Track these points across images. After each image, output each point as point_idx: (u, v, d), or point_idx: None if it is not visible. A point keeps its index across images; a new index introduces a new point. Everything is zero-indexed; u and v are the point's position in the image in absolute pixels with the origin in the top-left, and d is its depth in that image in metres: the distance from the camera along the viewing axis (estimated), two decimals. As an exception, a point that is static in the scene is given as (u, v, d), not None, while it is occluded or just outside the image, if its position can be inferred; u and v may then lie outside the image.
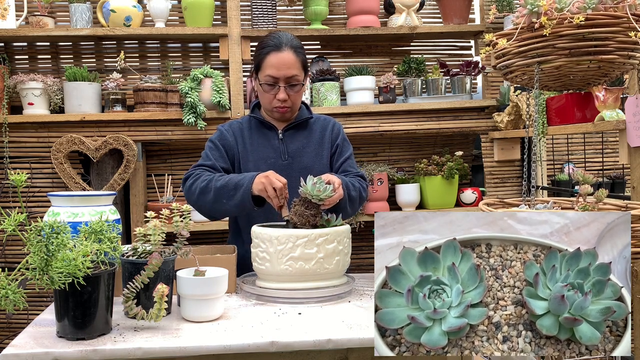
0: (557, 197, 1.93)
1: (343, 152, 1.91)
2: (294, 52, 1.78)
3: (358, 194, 1.78)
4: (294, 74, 1.77)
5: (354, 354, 1.28)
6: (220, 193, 1.66)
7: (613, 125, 2.05)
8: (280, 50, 1.76)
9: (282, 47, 1.76)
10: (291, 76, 1.77)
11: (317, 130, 1.91)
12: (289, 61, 1.76)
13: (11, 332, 2.71)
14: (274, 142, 1.86)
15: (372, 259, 3.11)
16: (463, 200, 3.00)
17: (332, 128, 1.92)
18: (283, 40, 1.78)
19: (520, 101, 2.71)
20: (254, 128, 1.89)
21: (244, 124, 1.90)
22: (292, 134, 1.87)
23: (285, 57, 1.76)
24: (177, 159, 3.01)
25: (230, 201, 1.66)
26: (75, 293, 1.14)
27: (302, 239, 1.45)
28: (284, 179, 1.61)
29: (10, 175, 1.14)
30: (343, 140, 1.93)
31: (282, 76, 1.76)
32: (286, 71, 1.76)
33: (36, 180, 2.74)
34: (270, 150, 1.84)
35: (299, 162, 1.84)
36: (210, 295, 1.29)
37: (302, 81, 1.81)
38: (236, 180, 1.66)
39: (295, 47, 1.79)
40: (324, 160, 1.87)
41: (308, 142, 1.88)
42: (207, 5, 2.79)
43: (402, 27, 2.92)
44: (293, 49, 1.78)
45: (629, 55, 1.58)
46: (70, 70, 2.71)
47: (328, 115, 1.99)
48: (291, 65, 1.76)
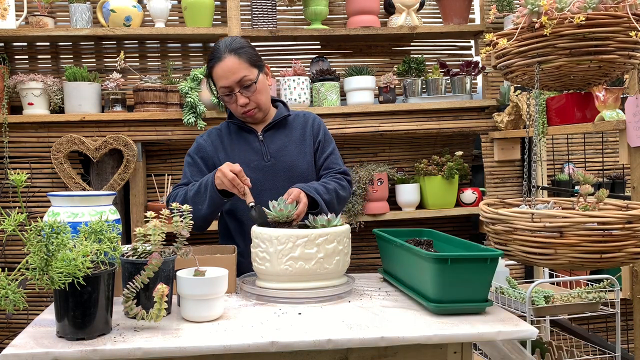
0: (557, 197, 1.93)
1: (325, 148, 1.90)
2: (235, 55, 1.76)
3: (334, 195, 1.77)
4: (242, 75, 1.76)
5: (354, 354, 1.28)
6: (194, 201, 1.69)
7: (613, 125, 2.05)
8: (221, 59, 1.76)
9: (222, 55, 1.76)
10: (240, 79, 1.76)
11: (297, 127, 1.90)
12: (232, 66, 1.75)
13: (11, 332, 2.71)
14: (255, 144, 1.86)
15: (372, 259, 3.12)
16: (463, 201, 3.00)
17: (313, 123, 1.91)
18: (222, 48, 1.77)
19: (520, 101, 2.71)
20: (233, 133, 1.89)
21: (223, 130, 1.91)
22: (272, 134, 1.87)
23: (227, 64, 1.75)
24: (177, 159, 3.01)
25: (204, 204, 1.69)
26: (75, 293, 1.14)
27: (302, 239, 1.45)
28: (237, 167, 1.62)
29: (10, 175, 1.14)
30: (324, 135, 1.92)
31: (233, 82, 1.76)
32: (233, 77, 1.75)
33: (36, 180, 2.74)
34: (251, 153, 1.84)
35: (282, 161, 1.84)
36: (210, 295, 1.29)
37: (254, 79, 1.79)
38: (204, 183, 1.70)
39: (234, 49, 1.77)
40: (308, 157, 1.87)
41: (289, 140, 1.87)
42: (207, 5, 2.79)
43: (402, 27, 2.92)
44: (233, 52, 1.76)
45: (629, 55, 1.58)
46: (70, 70, 2.71)
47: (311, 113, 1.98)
48: (236, 69, 1.75)
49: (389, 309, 1.39)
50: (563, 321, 2.72)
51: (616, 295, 2.23)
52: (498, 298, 2.26)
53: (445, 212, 2.95)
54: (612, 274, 2.55)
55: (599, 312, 2.25)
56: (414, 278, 1.45)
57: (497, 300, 2.26)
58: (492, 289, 2.26)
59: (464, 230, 3.25)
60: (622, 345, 2.62)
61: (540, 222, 1.47)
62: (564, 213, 1.46)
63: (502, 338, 1.24)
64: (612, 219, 1.42)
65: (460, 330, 1.23)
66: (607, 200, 1.68)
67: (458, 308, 1.33)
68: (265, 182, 1.81)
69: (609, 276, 2.28)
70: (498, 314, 1.34)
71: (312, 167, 1.88)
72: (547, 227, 1.46)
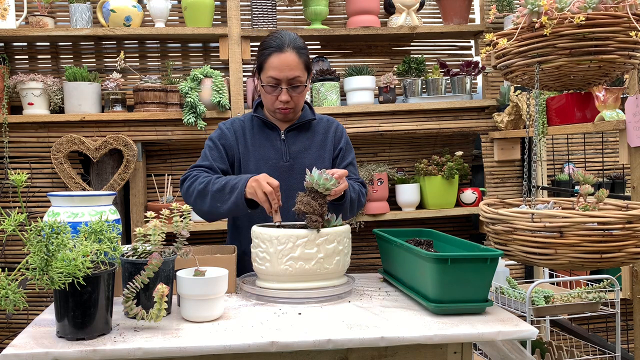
0: (557, 197, 1.93)
1: (346, 157, 1.89)
2: (297, 53, 1.73)
3: (357, 197, 1.78)
4: (297, 75, 1.74)
5: (354, 354, 1.28)
6: (216, 197, 1.65)
7: (613, 125, 2.05)
8: (283, 51, 1.72)
9: (285, 48, 1.72)
10: (293, 77, 1.74)
11: (320, 132, 1.88)
12: (292, 62, 1.72)
13: (11, 332, 2.71)
14: (276, 142, 1.83)
15: (372, 259, 3.12)
16: (463, 200, 3.00)
17: (335, 130, 1.90)
18: (286, 40, 1.73)
19: (520, 101, 2.71)
20: (256, 127, 1.86)
21: (246, 123, 1.87)
22: (294, 135, 1.85)
23: (287, 59, 1.72)
24: (177, 159, 3.01)
25: (225, 205, 1.65)
26: (75, 293, 1.14)
27: (302, 239, 1.45)
28: (275, 182, 1.57)
29: (10, 175, 1.14)
30: (346, 144, 1.91)
31: (285, 78, 1.73)
32: (288, 73, 1.72)
33: (36, 180, 2.74)
34: (271, 150, 1.82)
35: (300, 163, 1.82)
36: (210, 295, 1.29)
37: (304, 82, 1.78)
38: (232, 184, 1.64)
39: (298, 47, 1.74)
40: (326, 163, 1.86)
41: (310, 144, 1.86)
42: (207, 5, 2.79)
43: (402, 27, 2.92)
44: (296, 50, 1.73)
45: (629, 55, 1.58)
46: (70, 70, 2.71)
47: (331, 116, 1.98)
48: (294, 66, 1.73)
49: (389, 309, 1.39)
50: (563, 321, 2.72)
51: (616, 295, 2.23)
52: (498, 298, 2.26)
53: (445, 212, 2.95)
54: (612, 274, 2.55)
55: (599, 312, 2.25)
56: (414, 278, 1.45)
57: (497, 300, 2.26)
58: (492, 289, 2.26)
59: (464, 230, 3.25)
60: (622, 345, 2.62)
61: (540, 222, 1.47)
62: (564, 213, 1.46)
63: (502, 338, 1.24)
64: (612, 219, 1.41)
65: (460, 330, 1.23)
66: (607, 200, 1.68)
67: (458, 308, 1.33)
68: (280, 182, 1.75)
69: (609, 276, 2.28)
70: (498, 314, 1.34)
71: None
72: (547, 227, 1.46)
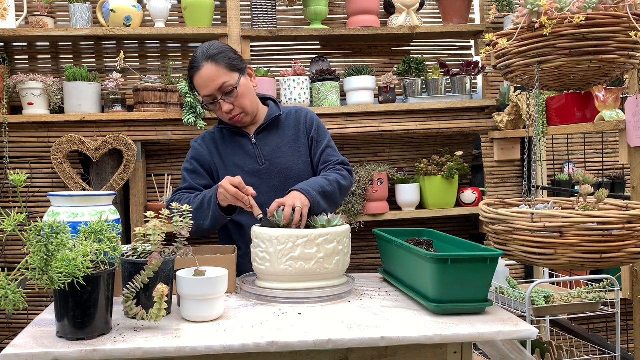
0: (557, 197, 1.93)
1: (320, 142, 1.87)
2: (212, 62, 1.73)
3: (336, 187, 1.74)
4: (222, 82, 1.74)
5: (354, 354, 1.28)
6: (197, 215, 1.65)
7: (613, 125, 2.05)
8: (199, 68, 1.74)
9: (200, 64, 1.74)
10: (220, 86, 1.74)
11: (290, 126, 1.87)
12: (211, 74, 1.73)
13: (11, 332, 2.71)
14: (248, 148, 1.83)
15: (372, 258, 3.12)
16: (463, 201, 3.00)
17: (305, 120, 1.88)
18: (199, 57, 1.75)
19: (520, 101, 2.71)
20: (226, 137, 1.87)
21: (216, 135, 1.88)
22: (264, 136, 1.85)
23: (206, 73, 1.73)
24: (177, 159, 3.01)
25: (207, 220, 1.68)
26: (75, 293, 1.14)
27: (302, 239, 1.45)
28: (236, 179, 1.59)
29: (10, 175, 1.14)
30: (318, 130, 1.88)
31: (213, 90, 1.74)
32: (213, 84, 1.73)
33: (36, 180, 2.74)
34: (245, 157, 1.83)
35: (277, 164, 1.82)
36: (210, 295, 1.29)
37: (235, 84, 1.76)
38: (207, 198, 1.67)
39: (211, 56, 1.74)
40: (303, 157, 1.85)
41: (282, 142, 1.85)
42: (207, 5, 2.79)
43: (402, 27, 2.92)
44: (210, 59, 1.73)
45: (629, 55, 1.58)
46: (70, 70, 2.71)
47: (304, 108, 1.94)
48: (214, 77, 1.73)
49: (389, 309, 1.39)
50: (563, 321, 2.72)
51: (616, 295, 2.23)
52: (498, 298, 2.26)
53: (445, 212, 2.95)
54: (612, 274, 2.55)
55: (599, 312, 2.25)
56: (414, 278, 1.45)
57: (497, 300, 2.26)
58: (492, 289, 2.26)
59: (464, 230, 3.25)
60: (622, 345, 2.62)
61: (540, 222, 1.47)
62: (564, 213, 1.46)
63: (502, 338, 1.24)
64: (612, 219, 1.42)
65: (460, 330, 1.23)
66: (607, 200, 1.68)
67: (458, 308, 1.33)
68: (261, 186, 1.78)
69: (609, 276, 2.28)
70: (498, 314, 1.34)
71: (309, 165, 1.86)
72: (547, 227, 1.46)
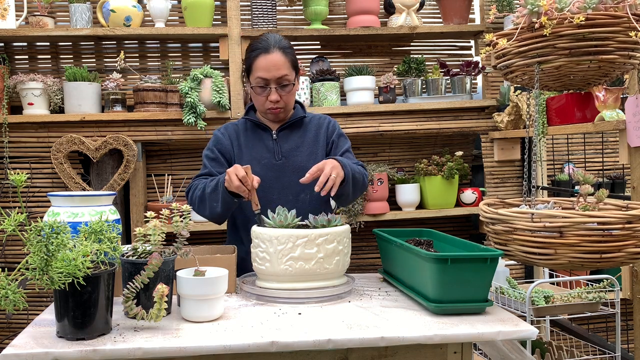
0: (557, 197, 1.93)
1: (340, 146, 1.90)
2: (283, 53, 1.78)
3: (360, 180, 1.76)
4: (284, 74, 1.78)
5: (354, 354, 1.28)
6: (211, 198, 1.72)
7: (613, 125, 2.05)
8: (269, 52, 1.77)
9: (271, 49, 1.77)
10: (281, 77, 1.78)
11: (312, 129, 1.91)
12: (278, 62, 1.77)
13: (11, 332, 2.71)
14: (268, 142, 1.87)
15: (372, 258, 3.12)
16: (463, 201, 3.00)
17: (328, 126, 1.92)
18: (271, 41, 1.79)
19: (520, 101, 2.71)
20: (249, 130, 1.91)
21: (240, 126, 1.92)
22: (286, 133, 1.88)
23: (274, 58, 1.76)
24: (177, 159, 3.01)
25: (218, 203, 1.71)
26: (75, 293, 1.14)
27: (302, 239, 1.45)
28: (241, 172, 1.61)
29: (10, 175, 1.14)
30: (339, 136, 1.93)
31: (272, 77, 1.77)
32: (276, 72, 1.77)
33: (36, 180, 2.74)
34: (264, 150, 1.86)
35: (292, 161, 1.85)
36: (210, 295, 1.29)
37: (292, 81, 1.81)
38: (220, 182, 1.70)
39: (283, 47, 1.79)
40: (319, 159, 1.85)
41: (302, 142, 1.88)
42: (207, 5, 2.79)
43: (402, 27, 2.92)
44: (281, 50, 1.78)
45: (629, 55, 1.58)
46: (70, 70, 2.71)
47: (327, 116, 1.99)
48: (280, 65, 1.77)
49: (389, 309, 1.39)
50: (563, 321, 2.72)
51: (616, 295, 2.23)
52: (498, 298, 2.26)
53: (445, 212, 2.95)
54: (612, 274, 2.55)
55: (599, 312, 2.25)
56: (414, 278, 1.45)
57: (497, 300, 2.26)
58: (492, 289, 2.26)
59: (464, 230, 3.25)
60: (622, 345, 2.62)
61: (540, 222, 1.47)
62: (564, 213, 1.46)
63: (502, 338, 1.24)
64: (612, 219, 1.41)
65: (460, 330, 1.23)
66: (607, 200, 1.68)
67: (458, 308, 1.33)
68: (274, 181, 1.82)
69: (609, 276, 2.28)
70: (498, 314, 1.34)
71: None
72: (547, 227, 1.46)
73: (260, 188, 1.72)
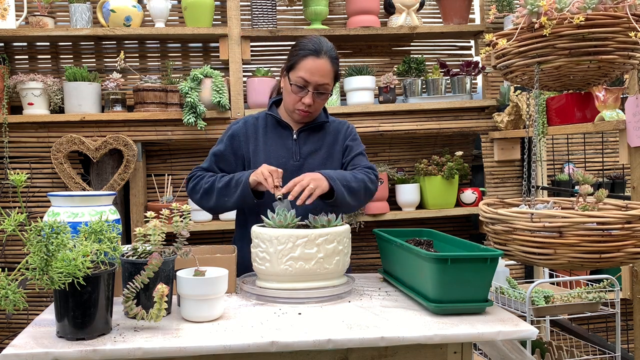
0: (557, 197, 1.93)
1: (353, 150, 1.91)
2: (331, 62, 1.79)
3: (362, 186, 1.76)
4: (326, 82, 1.78)
5: (354, 354, 1.28)
6: (222, 192, 1.74)
7: (613, 125, 2.05)
8: (319, 57, 1.77)
9: (321, 54, 1.77)
10: (322, 84, 1.78)
11: (331, 133, 1.92)
12: (325, 69, 1.77)
13: (11, 332, 2.71)
14: (288, 142, 1.87)
15: (372, 258, 3.12)
16: (463, 200, 3.00)
17: (345, 131, 1.94)
18: (323, 47, 1.79)
19: (520, 101, 2.71)
20: (269, 126, 1.90)
21: (260, 121, 1.91)
22: (306, 135, 1.88)
23: (321, 65, 1.77)
24: (177, 159, 3.01)
25: (232, 198, 1.74)
26: (75, 293, 1.14)
27: (302, 238, 1.45)
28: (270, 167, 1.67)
29: (10, 175, 1.14)
30: (353, 140, 1.93)
31: (315, 82, 1.77)
32: (319, 78, 1.77)
33: (36, 180, 2.74)
34: (283, 149, 1.86)
35: (310, 163, 1.85)
36: (210, 295, 1.29)
37: (330, 90, 1.82)
38: (237, 178, 1.74)
39: (332, 57, 1.80)
40: (335, 163, 1.89)
41: (321, 145, 1.88)
42: (207, 5, 2.79)
43: (402, 27, 2.92)
44: (331, 59, 1.79)
45: (629, 55, 1.58)
46: (70, 70, 2.71)
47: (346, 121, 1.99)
48: (325, 73, 1.77)
49: (389, 309, 1.39)
50: (563, 321, 2.72)
51: (616, 295, 2.23)
52: (498, 298, 2.26)
53: (445, 212, 2.95)
54: (612, 274, 2.55)
55: (599, 312, 2.25)
56: (414, 278, 1.45)
57: (497, 300, 2.26)
58: (492, 289, 2.26)
59: (464, 230, 3.25)
60: (622, 345, 2.62)
61: (539, 222, 1.47)
62: (563, 213, 1.46)
63: (502, 338, 1.24)
64: (611, 219, 1.42)
65: (460, 330, 1.23)
66: (606, 200, 1.68)
67: (458, 308, 1.33)
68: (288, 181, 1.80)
69: (608, 276, 2.28)
70: (498, 314, 1.34)
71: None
72: (546, 227, 1.46)
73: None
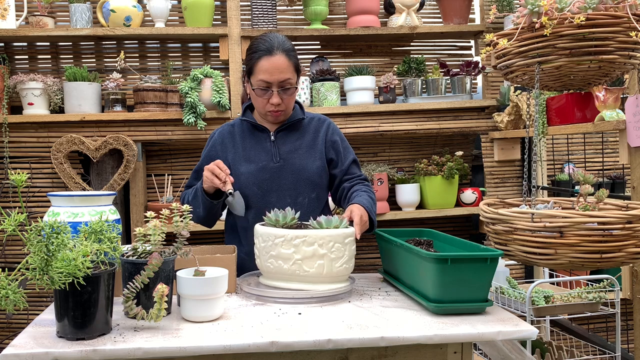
0: (557, 197, 1.93)
1: (348, 156, 1.89)
2: (286, 56, 1.73)
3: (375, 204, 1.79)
4: (287, 77, 1.74)
5: (354, 354, 1.28)
6: (193, 204, 1.75)
7: (613, 125, 2.05)
8: (272, 54, 1.72)
9: (274, 51, 1.72)
10: (284, 80, 1.74)
11: (310, 130, 1.88)
12: (282, 65, 1.72)
13: (11, 332, 2.71)
14: (266, 144, 1.84)
15: (372, 259, 3.12)
16: (463, 201, 3.00)
17: (327, 129, 1.89)
18: (275, 43, 1.74)
19: (520, 101, 2.71)
20: (246, 131, 1.87)
21: (236, 128, 1.89)
22: (284, 135, 1.85)
23: (277, 62, 1.72)
24: (177, 159, 3.01)
25: (200, 207, 1.76)
26: (75, 293, 1.14)
27: (279, 238, 1.45)
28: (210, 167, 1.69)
29: (10, 175, 1.14)
30: (342, 142, 1.90)
31: (275, 81, 1.73)
32: (279, 75, 1.72)
33: (36, 180, 2.74)
34: (262, 152, 1.83)
35: (291, 164, 1.82)
36: (210, 295, 1.29)
37: (295, 84, 1.78)
38: (199, 187, 1.76)
39: (287, 50, 1.74)
40: (317, 162, 1.85)
41: (300, 144, 1.85)
42: (207, 5, 2.79)
43: (402, 27, 2.92)
44: (285, 52, 1.73)
45: (629, 55, 1.58)
46: (70, 70, 2.71)
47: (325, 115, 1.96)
48: (284, 69, 1.73)
49: (389, 309, 1.39)
50: (563, 321, 2.72)
51: (616, 295, 2.23)
52: (498, 298, 2.26)
53: (445, 212, 2.95)
54: (612, 274, 2.55)
55: (599, 312, 2.25)
56: (414, 278, 1.45)
57: (497, 300, 2.26)
58: (492, 289, 2.26)
59: (464, 230, 3.25)
60: (622, 345, 2.62)
61: (540, 222, 1.47)
62: (564, 213, 1.46)
63: (502, 338, 1.24)
64: (612, 219, 1.42)
65: (460, 330, 1.23)
66: (607, 200, 1.68)
67: (458, 308, 1.33)
68: (271, 183, 1.79)
69: (609, 276, 2.28)
70: (498, 314, 1.34)
71: (322, 171, 1.85)
72: (547, 227, 1.46)
73: (258, 191, 1.73)
